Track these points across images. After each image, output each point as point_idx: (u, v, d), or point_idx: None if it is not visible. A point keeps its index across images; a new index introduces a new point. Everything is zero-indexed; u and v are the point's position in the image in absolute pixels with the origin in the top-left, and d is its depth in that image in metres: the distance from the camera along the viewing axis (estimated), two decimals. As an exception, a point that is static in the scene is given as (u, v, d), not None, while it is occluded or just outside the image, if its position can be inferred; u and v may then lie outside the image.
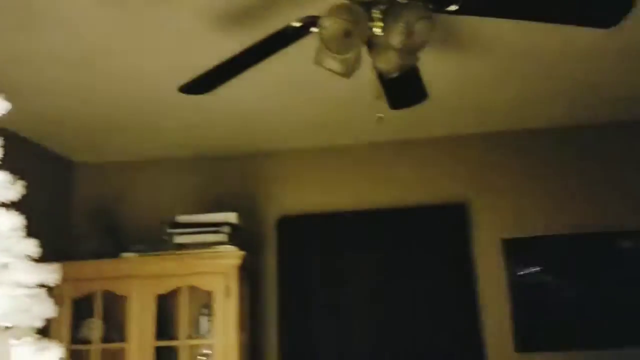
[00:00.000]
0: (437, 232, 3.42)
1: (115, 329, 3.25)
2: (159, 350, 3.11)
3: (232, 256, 3.09)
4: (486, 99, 3.04)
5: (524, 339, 3.27)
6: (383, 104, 2.57)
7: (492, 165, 3.52)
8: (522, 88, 2.91)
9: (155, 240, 3.22)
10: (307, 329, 3.34)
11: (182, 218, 3.19)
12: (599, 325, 3.24)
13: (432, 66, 2.59)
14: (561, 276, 3.32)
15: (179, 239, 3.13)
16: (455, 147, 3.57)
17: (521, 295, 3.32)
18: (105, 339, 3.21)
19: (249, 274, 3.41)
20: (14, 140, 2.53)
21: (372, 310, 3.33)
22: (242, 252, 3.10)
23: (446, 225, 3.42)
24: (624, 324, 3.22)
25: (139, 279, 3.10)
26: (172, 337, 3.21)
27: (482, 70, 2.68)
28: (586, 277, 3.30)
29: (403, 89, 2.19)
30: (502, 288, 3.34)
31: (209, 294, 3.13)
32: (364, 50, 1.69)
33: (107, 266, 3.14)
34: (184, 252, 3.10)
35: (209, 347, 3.19)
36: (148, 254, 3.13)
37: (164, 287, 3.10)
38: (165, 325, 3.27)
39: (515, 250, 3.37)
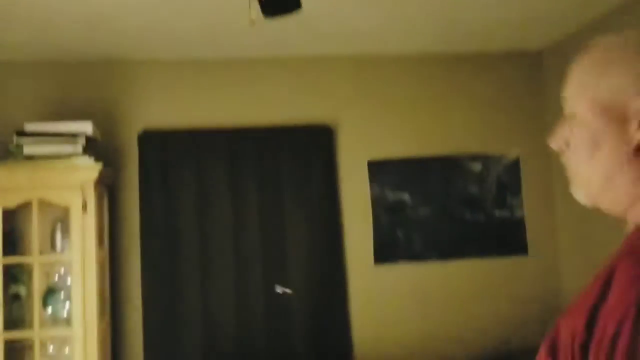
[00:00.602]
0: (304, 152, 3.45)
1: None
2: (7, 269, 2.91)
3: (89, 169, 2.90)
4: (356, 22, 3.05)
5: (382, 252, 3.49)
6: (256, 14, 2.48)
7: (359, 89, 3.58)
8: (390, 13, 2.95)
9: (1, 150, 2.94)
10: (170, 245, 3.27)
11: (32, 126, 2.92)
12: (447, 239, 3.53)
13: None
14: (417, 195, 3.53)
15: (28, 150, 2.87)
16: (324, 69, 3.57)
17: (381, 213, 3.50)
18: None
19: (108, 189, 3.25)
20: None
21: (237, 228, 3.33)
22: (99, 165, 2.92)
23: (313, 147, 3.47)
24: (469, 238, 3.54)
25: (-18, 192, 2.83)
26: (23, 255, 3.00)
27: (354, -15, 2.66)
28: (438, 196, 3.55)
29: (275, -6, 2.12)
30: (366, 207, 3.49)
31: (64, 209, 2.95)
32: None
33: (-58, 178, 2.82)
34: (34, 163, 2.86)
35: (65, 263, 3.04)
36: (-8, 165, 2.85)
37: (12, 201, 2.86)
38: (14, 243, 3.05)
39: (379, 172, 3.52)
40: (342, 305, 3.39)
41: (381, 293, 3.45)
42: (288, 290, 3.29)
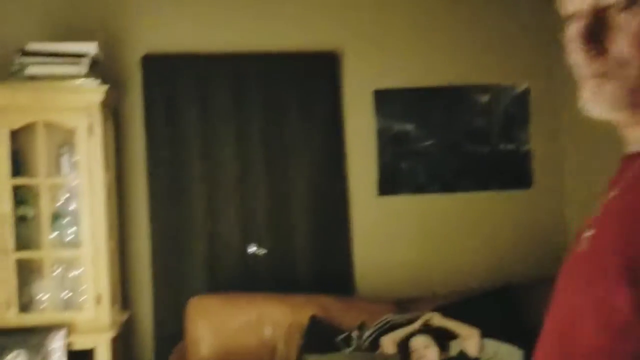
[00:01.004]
0: (309, 79, 3.38)
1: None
2: (14, 190, 2.91)
3: (94, 91, 2.85)
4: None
5: (386, 184, 3.48)
6: None
7: (366, 15, 3.45)
8: None
9: (3, 70, 2.88)
10: (176, 169, 3.27)
11: (35, 46, 2.84)
12: (451, 171, 3.52)
13: None
14: (422, 126, 3.49)
15: (31, 70, 2.80)
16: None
17: (386, 144, 3.47)
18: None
19: (113, 112, 3.22)
20: None
21: (240, 155, 3.31)
22: (105, 88, 2.87)
23: (318, 74, 3.39)
24: (473, 171, 3.53)
25: (-13, 112, 2.80)
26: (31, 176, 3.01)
27: None
28: (443, 127, 3.50)
29: None
30: (370, 137, 3.46)
31: (69, 132, 2.93)
32: None
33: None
34: (38, 83, 2.80)
35: (72, 187, 3.04)
36: (-5, 85, 2.79)
37: (18, 122, 2.83)
38: (19, 164, 3.04)
39: (384, 101, 3.46)
40: (345, 236, 3.42)
41: (384, 224, 3.47)
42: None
